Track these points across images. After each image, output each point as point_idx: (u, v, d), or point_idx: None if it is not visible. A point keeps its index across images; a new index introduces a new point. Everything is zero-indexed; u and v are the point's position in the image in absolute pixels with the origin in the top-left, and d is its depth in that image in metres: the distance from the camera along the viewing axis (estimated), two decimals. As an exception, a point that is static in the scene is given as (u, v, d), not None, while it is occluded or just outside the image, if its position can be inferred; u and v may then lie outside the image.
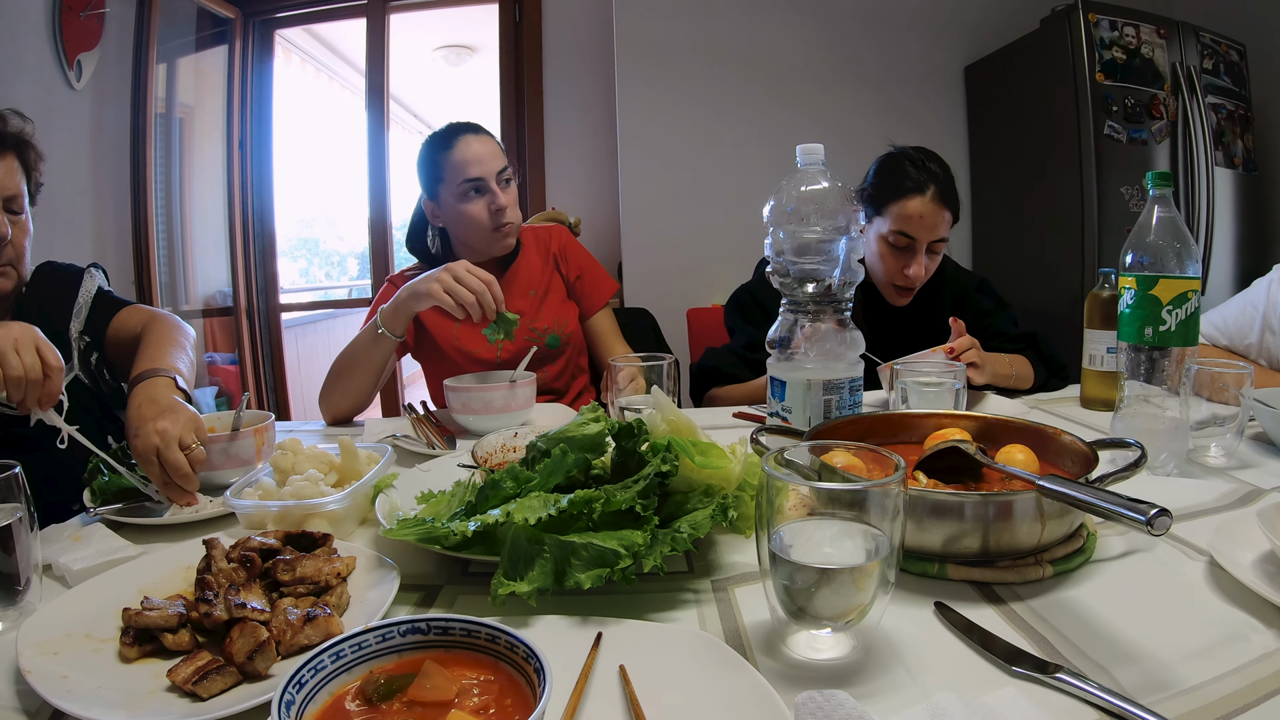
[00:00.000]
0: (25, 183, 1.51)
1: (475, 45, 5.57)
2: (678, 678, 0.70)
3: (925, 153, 1.99)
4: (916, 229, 1.92)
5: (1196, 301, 1.28)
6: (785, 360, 1.36)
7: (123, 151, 3.79)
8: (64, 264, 1.73)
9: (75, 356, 1.63)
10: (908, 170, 1.94)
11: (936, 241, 1.96)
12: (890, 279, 2.01)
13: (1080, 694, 0.66)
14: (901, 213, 1.93)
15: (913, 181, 1.93)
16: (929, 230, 1.93)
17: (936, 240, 1.95)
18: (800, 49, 3.96)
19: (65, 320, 1.64)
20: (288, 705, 0.55)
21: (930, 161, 1.96)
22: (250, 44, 4.35)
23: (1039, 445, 1.06)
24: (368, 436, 1.63)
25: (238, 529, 1.10)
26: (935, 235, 1.94)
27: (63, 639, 0.78)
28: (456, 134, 1.97)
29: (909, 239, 1.94)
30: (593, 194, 4.10)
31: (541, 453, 1.00)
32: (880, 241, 1.99)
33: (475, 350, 2.02)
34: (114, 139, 3.74)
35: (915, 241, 1.94)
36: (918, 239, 1.93)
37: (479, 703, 0.59)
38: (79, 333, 1.66)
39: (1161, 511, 0.68)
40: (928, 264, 1.98)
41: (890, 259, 1.99)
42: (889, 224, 1.95)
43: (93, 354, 1.68)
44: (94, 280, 1.73)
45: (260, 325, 4.47)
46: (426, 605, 0.89)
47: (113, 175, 3.75)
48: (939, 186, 1.93)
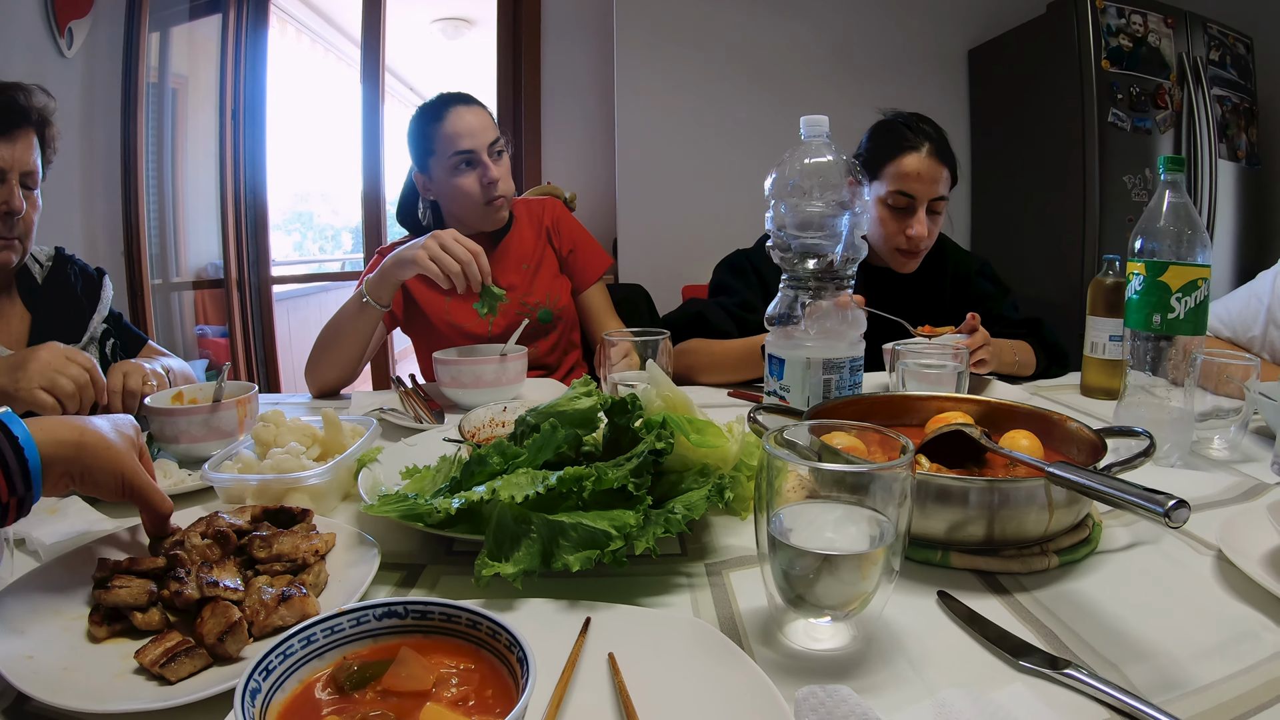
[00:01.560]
0: (40, 160, 1.53)
1: (473, 18, 5.51)
2: (670, 666, 0.66)
3: (918, 116, 1.96)
4: (915, 186, 1.88)
5: (1206, 290, 1.25)
6: (784, 337, 1.33)
7: (114, 121, 3.74)
8: (78, 257, 1.78)
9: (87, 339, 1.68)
10: (902, 131, 1.91)
11: (936, 201, 1.92)
12: (892, 243, 1.95)
13: (1090, 691, 0.63)
14: (898, 171, 1.89)
15: (907, 140, 1.89)
16: (928, 186, 1.89)
17: (936, 199, 1.91)
18: (801, 30, 3.92)
19: (91, 309, 1.71)
20: (253, 694, 0.51)
21: (923, 123, 1.93)
22: (245, 13, 4.26)
23: (1044, 431, 1.03)
24: (354, 409, 1.60)
25: (216, 503, 1.06)
26: (934, 193, 1.90)
27: (30, 616, 0.75)
28: (447, 105, 1.92)
29: (908, 198, 1.89)
30: (589, 169, 4.06)
31: (530, 428, 0.97)
32: (879, 205, 1.95)
33: (466, 324, 1.99)
34: (105, 108, 3.68)
35: (914, 200, 1.89)
36: (917, 196, 1.89)
37: (458, 693, 0.55)
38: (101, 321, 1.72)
39: (1180, 503, 0.65)
40: (930, 225, 1.94)
41: (890, 222, 1.94)
42: (886, 185, 1.91)
43: (109, 340, 1.73)
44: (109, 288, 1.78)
45: (251, 298, 4.42)
46: (408, 586, 0.86)
47: (104, 145, 3.70)
48: (934, 144, 1.90)
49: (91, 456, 0.80)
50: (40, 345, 1.31)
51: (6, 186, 1.44)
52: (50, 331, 1.58)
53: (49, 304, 1.65)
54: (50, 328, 1.59)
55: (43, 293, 1.65)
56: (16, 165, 1.45)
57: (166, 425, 1.24)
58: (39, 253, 1.70)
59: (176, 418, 1.24)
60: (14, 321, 1.60)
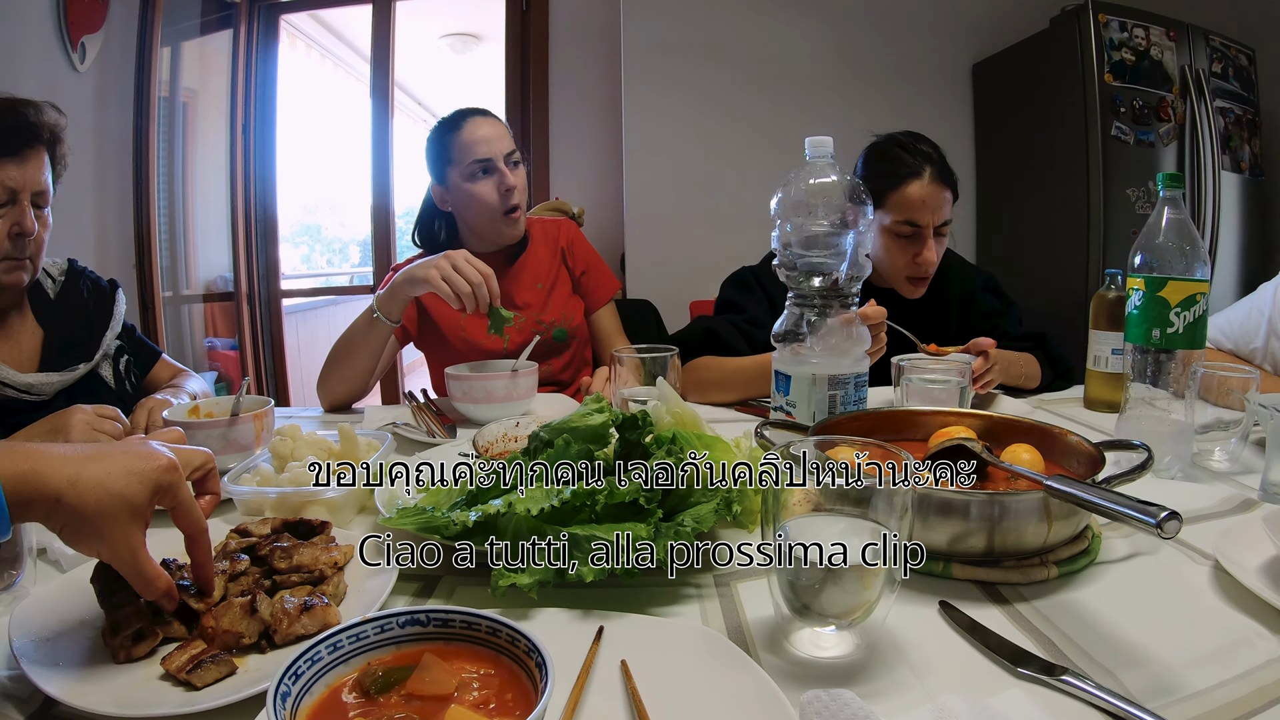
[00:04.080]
0: (51, 177, 1.52)
1: (482, 33, 5.54)
2: (680, 673, 0.69)
3: (913, 135, 1.92)
4: (921, 213, 1.84)
5: (1204, 304, 1.27)
6: (790, 354, 1.35)
7: (125, 135, 3.78)
8: (90, 270, 1.78)
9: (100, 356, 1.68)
10: (900, 156, 1.87)
11: (942, 224, 1.89)
12: (902, 271, 1.91)
13: (1086, 697, 0.65)
14: (902, 200, 1.84)
15: (908, 166, 1.85)
16: (933, 213, 1.85)
17: (942, 223, 1.88)
18: (807, 44, 3.94)
19: (104, 324, 1.70)
20: (283, 697, 0.54)
21: (920, 143, 1.89)
22: (255, 28, 4.33)
23: (1044, 445, 1.05)
24: (368, 424, 1.62)
25: (235, 515, 1.09)
26: (940, 218, 1.87)
27: (55, 624, 0.77)
28: (465, 116, 1.96)
29: (915, 226, 1.85)
30: (597, 185, 4.08)
31: (544, 443, 0.99)
32: (885, 234, 1.90)
33: (480, 340, 2.01)
34: (117, 122, 3.73)
35: (922, 228, 1.86)
36: (924, 224, 1.85)
37: (479, 697, 0.58)
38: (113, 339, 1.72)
39: (1172, 515, 0.67)
40: (936, 247, 1.90)
41: (898, 251, 1.90)
42: (891, 215, 1.87)
43: (123, 357, 1.73)
44: (122, 303, 1.78)
45: (261, 311, 4.46)
46: (425, 596, 0.89)
47: (115, 158, 3.74)
48: (935, 166, 1.86)
49: (66, 516, 0.68)
50: (68, 411, 1.31)
51: (18, 208, 1.44)
52: (63, 349, 1.60)
53: (62, 320, 1.64)
54: (63, 345, 1.60)
55: (55, 309, 1.65)
56: (28, 186, 1.44)
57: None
58: (51, 266, 1.69)
59: (194, 431, 1.26)
60: (26, 338, 1.59)
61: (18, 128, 1.44)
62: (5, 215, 1.43)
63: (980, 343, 1.68)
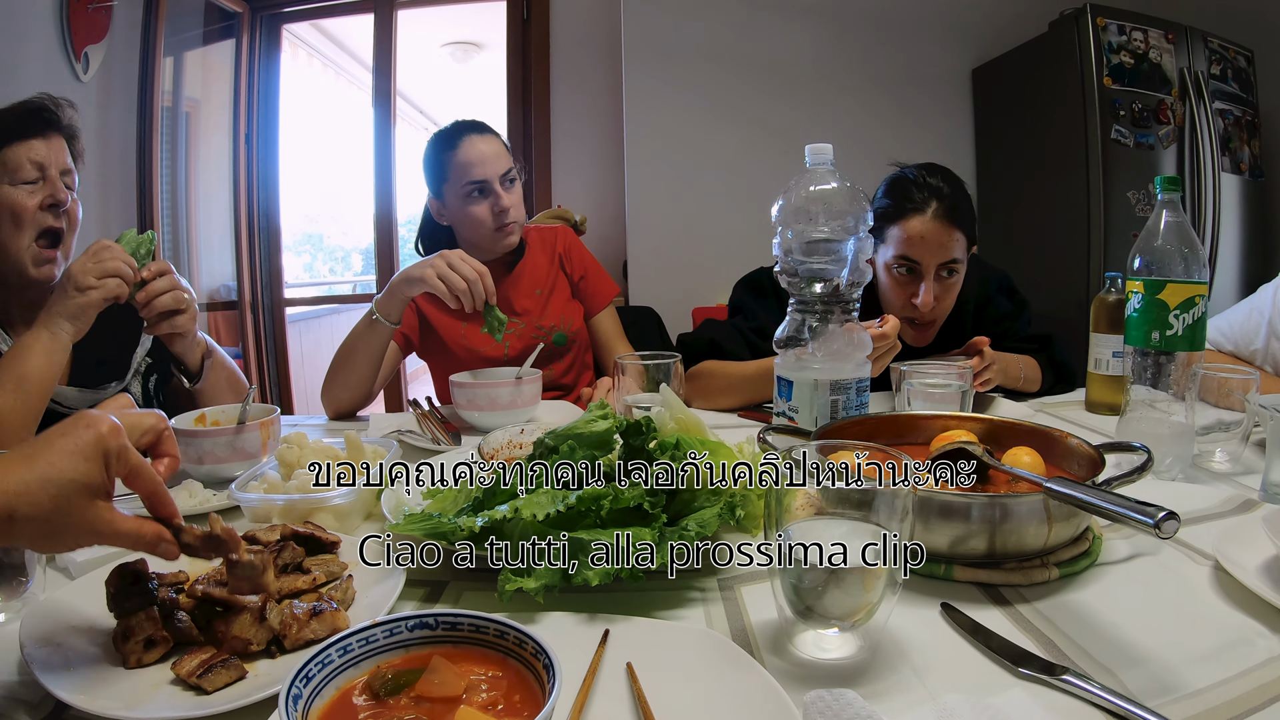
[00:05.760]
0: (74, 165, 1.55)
1: (483, 42, 5.57)
2: (685, 675, 0.70)
3: (929, 168, 1.80)
4: (918, 251, 1.73)
5: (1203, 307, 1.28)
6: (792, 359, 1.36)
7: (129, 145, 3.80)
8: None
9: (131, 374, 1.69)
10: (907, 189, 1.76)
11: (948, 265, 1.76)
12: (899, 313, 1.77)
13: (1086, 696, 0.66)
14: (901, 235, 1.74)
15: (912, 201, 1.74)
16: (933, 252, 1.73)
17: (946, 263, 1.75)
18: (808, 50, 3.95)
19: (134, 340, 1.71)
20: (295, 699, 0.55)
21: (932, 176, 1.77)
22: (257, 38, 4.35)
23: (1045, 448, 1.06)
24: (373, 431, 1.63)
25: (243, 522, 1.10)
26: (941, 257, 1.74)
27: (66, 630, 0.77)
28: (461, 134, 1.96)
29: (911, 263, 1.75)
30: (599, 192, 4.09)
31: (549, 449, 1.00)
32: (884, 272, 1.81)
33: (482, 348, 2.02)
34: (120, 132, 3.75)
35: (919, 265, 1.75)
36: (921, 262, 1.74)
37: (487, 698, 0.59)
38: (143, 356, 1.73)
39: (1169, 515, 0.68)
40: (939, 292, 1.77)
41: (895, 290, 1.80)
42: (891, 250, 1.77)
43: (152, 375, 1.73)
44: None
45: (264, 319, 4.47)
46: (432, 601, 0.89)
47: (119, 168, 3.75)
48: (943, 202, 1.73)
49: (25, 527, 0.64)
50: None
51: (50, 181, 1.47)
52: (94, 362, 1.60)
53: (93, 331, 1.56)
54: (94, 358, 1.60)
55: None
56: (55, 162, 1.48)
57: (191, 447, 1.26)
58: None
59: (201, 439, 1.27)
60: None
61: (39, 110, 1.50)
62: (37, 191, 1.47)
63: (976, 342, 1.69)
